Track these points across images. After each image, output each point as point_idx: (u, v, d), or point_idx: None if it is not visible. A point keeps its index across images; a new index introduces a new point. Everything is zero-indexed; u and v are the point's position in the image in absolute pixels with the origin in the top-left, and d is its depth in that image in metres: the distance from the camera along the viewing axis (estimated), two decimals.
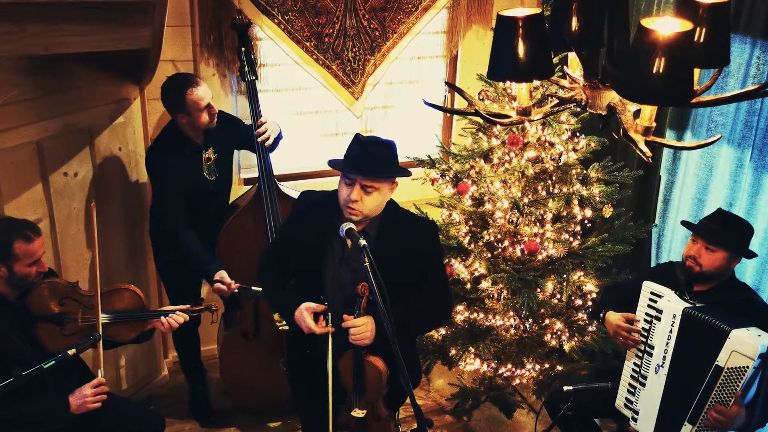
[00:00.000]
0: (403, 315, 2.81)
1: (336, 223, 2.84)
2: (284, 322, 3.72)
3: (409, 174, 2.85)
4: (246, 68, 3.87)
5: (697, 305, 3.12)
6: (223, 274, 3.66)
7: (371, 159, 2.73)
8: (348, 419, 3.00)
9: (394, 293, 2.65)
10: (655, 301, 3.21)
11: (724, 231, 3.17)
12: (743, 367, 2.87)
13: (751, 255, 3.24)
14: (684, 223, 3.40)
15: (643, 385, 3.25)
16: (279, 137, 3.91)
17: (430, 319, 3.13)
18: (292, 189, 4.00)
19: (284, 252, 3.04)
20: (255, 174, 4.23)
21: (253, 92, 3.87)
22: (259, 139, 3.81)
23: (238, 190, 4.26)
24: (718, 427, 2.94)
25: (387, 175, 2.77)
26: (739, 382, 2.88)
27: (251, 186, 4.10)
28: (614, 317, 3.33)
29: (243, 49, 3.87)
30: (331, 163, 2.83)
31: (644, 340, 3.24)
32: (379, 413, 3.02)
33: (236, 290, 3.65)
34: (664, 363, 3.15)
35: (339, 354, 2.89)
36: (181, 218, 3.71)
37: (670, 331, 3.13)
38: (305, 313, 2.84)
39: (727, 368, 2.92)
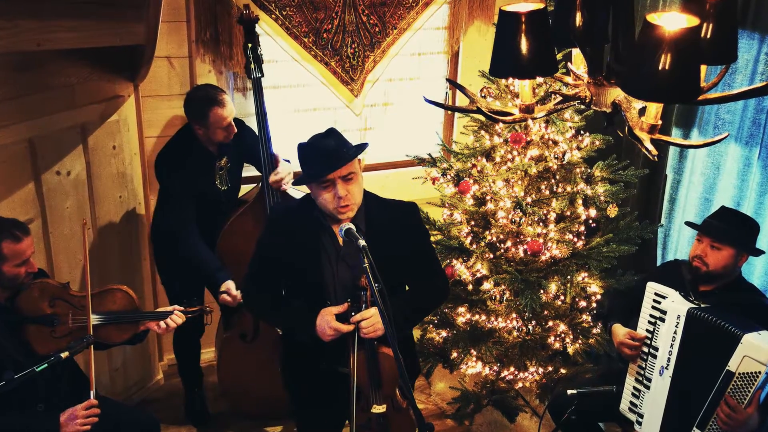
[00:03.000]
0: (406, 309, 2.84)
1: (324, 222, 2.82)
2: None
3: (367, 145, 2.83)
4: (252, 65, 3.80)
5: (702, 306, 3.10)
6: (229, 285, 3.61)
7: (333, 150, 2.70)
8: (368, 418, 2.95)
9: (394, 285, 2.64)
10: (659, 302, 3.19)
11: (729, 228, 3.15)
12: (755, 372, 2.84)
13: (758, 252, 3.22)
14: (688, 224, 3.38)
15: (648, 387, 3.22)
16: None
17: (430, 303, 3.17)
18: (296, 189, 3.94)
19: (274, 269, 2.96)
20: (253, 172, 4.17)
21: (258, 90, 3.81)
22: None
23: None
24: (729, 427, 2.90)
25: (356, 153, 2.74)
26: (751, 387, 2.85)
27: (253, 186, 4.06)
28: (620, 331, 3.32)
29: (249, 45, 3.81)
30: (298, 182, 2.78)
31: (648, 342, 3.22)
32: (398, 404, 2.99)
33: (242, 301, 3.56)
34: (668, 365, 3.13)
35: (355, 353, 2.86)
36: (189, 223, 3.68)
37: (675, 333, 3.10)
38: (329, 317, 2.78)
39: (739, 373, 2.89)
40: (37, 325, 3.02)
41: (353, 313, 2.76)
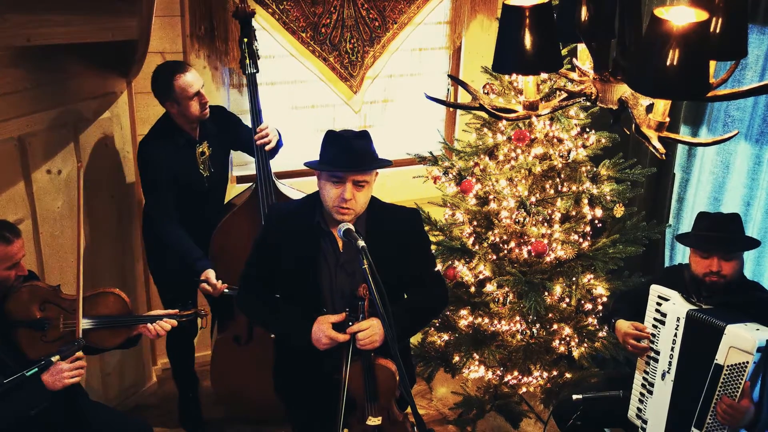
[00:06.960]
0: (405, 317, 2.79)
1: (325, 227, 2.78)
2: None
3: (390, 163, 2.84)
4: (247, 60, 3.76)
5: (703, 307, 3.07)
6: (209, 274, 3.57)
7: (359, 152, 2.68)
8: (363, 430, 2.91)
9: (392, 292, 2.59)
10: (661, 305, 3.16)
11: (733, 235, 3.11)
12: (743, 363, 2.83)
13: (757, 244, 3.17)
14: (681, 241, 3.28)
15: (651, 392, 3.20)
16: (279, 144, 3.84)
17: (430, 312, 3.13)
18: (291, 188, 3.92)
19: (269, 271, 2.91)
20: (249, 172, 4.13)
21: (253, 86, 3.77)
22: (258, 143, 3.74)
23: (231, 189, 4.19)
24: (728, 422, 2.87)
25: (377, 166, 2.73)
26: (741, 379, 2.84)
27: (248, 185, 4.01)
28: (624, 325, 3.28)
29: (245, 39, 3.77)
30: (310, 164, 2.73)
31: (652, 346, 3.19)
32: (394, 417, 2.95)
33: (225, 290, 3.56)
34: (670, 369, 3.10)
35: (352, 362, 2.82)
36: (170, 211, 3.64)
37: (675, 335, 3.08)
38: (325, 326, 2.73)
39: (727, 366, 2.88)
40: (27, 329, 2.98)
41: (350, 323, 2.72)
